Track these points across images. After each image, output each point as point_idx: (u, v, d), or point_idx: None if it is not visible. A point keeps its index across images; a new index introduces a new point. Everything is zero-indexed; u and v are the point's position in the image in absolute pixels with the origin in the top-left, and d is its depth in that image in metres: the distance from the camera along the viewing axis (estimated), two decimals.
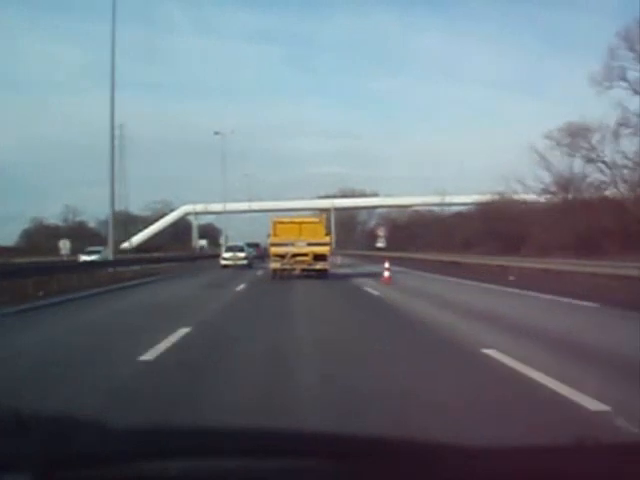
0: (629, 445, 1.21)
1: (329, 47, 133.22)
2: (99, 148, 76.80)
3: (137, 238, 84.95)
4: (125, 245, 76.38)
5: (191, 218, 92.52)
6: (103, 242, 77.54)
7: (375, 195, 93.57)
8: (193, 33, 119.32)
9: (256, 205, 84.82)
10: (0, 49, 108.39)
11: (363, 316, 11.56)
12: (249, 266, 33.71)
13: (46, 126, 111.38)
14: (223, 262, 34.61)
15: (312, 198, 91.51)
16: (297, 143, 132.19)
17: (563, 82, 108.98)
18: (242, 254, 35.11)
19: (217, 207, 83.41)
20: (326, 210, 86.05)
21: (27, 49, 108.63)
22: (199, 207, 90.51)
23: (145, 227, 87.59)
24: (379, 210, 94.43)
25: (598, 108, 60.61)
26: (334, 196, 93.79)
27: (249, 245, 38.77)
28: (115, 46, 26.76)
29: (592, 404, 4.60)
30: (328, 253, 23.51)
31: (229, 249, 36.54)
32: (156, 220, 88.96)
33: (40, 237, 71.18)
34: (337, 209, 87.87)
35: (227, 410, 4.64)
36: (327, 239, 23.49)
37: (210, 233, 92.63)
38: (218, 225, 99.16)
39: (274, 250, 23.33)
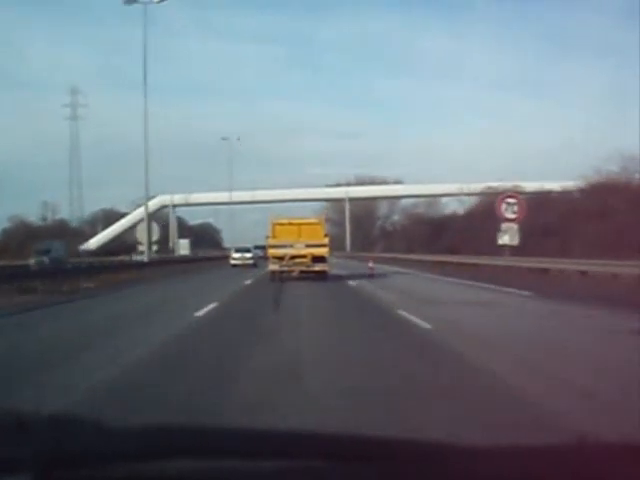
0: (629, 445, 1.20)
1: (332, 47, 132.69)
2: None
3: (97, 239, 69.73)
4: (84, 247, 64.38)
5: (173, 212, 73.59)
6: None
7: (399, 182, 74.58)
8: (195, 34, 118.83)
9: (247, 195, 68.49)
10: None
11: None
12: (254, 265, 37.03)
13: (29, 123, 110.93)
14: (232, 262, 39.54)
15: (321, 186, 74.86)
16: (299, 144, 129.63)
17: (568, 82, 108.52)
18: (249, 255, 40.19)
19: (204, 197, 69.03)
20: (339, 201, 73.90)
21: (23, 49, 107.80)
22: (178, 198, 71.90)
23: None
24: (403, 203, 76.51)
25: None
26: (348, 184, 76.29)
27: (256, 247, 42.22)
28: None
29: None
30: (327, 255, 23.42)
31: (238, 251, 41.55)
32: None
33: (20, 237, 62.21)
34: (352, 199, 73.30)
35: None
36: (326, 240, 23.42)
37: (208, 234, 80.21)
38: (217, 225, 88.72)
39: (272, 252, 23.20)
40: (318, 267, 22.88)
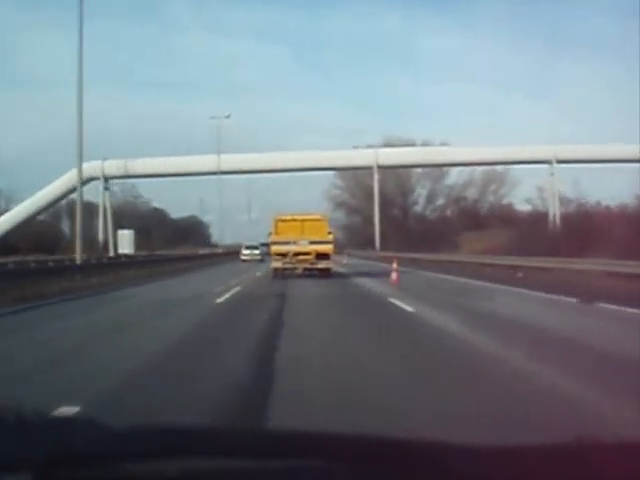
0: (630, 445, 1.20)
1: (336, 45, 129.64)
2: None
3: None
4: None
5: (106, 187, 53.95)
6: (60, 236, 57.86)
7: (445, 144, 51.54)
8: (199, 30, 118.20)
9: (212, 162, 52.00)
10: None
11: None
12: (262, 260, 42.02)
13: None
14: (243, 257, 45.60)
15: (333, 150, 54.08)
16: (303, 142, 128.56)
17: (570, 83, 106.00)
18: (257, 251, 46.08)
19: (155, 164, 51.45)
20: (365, 169, 53.75)
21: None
22: (111, 166, 51.08)
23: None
24: (449, 182, 54.72)
25: None
26: (376, 146, 53.22)
27: (262, 244, 46.38)
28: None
29: None
30: (331, 252, 23.49)
31: (247, 248, 47.30)
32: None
33: None
34: (382, 168, 51.23)
35: None
36: (330, 237, 23.50)
37: (198, 232, 67.74)
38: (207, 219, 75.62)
39: (275, 249, 23.32)
40: (322, 264, 23.08)
